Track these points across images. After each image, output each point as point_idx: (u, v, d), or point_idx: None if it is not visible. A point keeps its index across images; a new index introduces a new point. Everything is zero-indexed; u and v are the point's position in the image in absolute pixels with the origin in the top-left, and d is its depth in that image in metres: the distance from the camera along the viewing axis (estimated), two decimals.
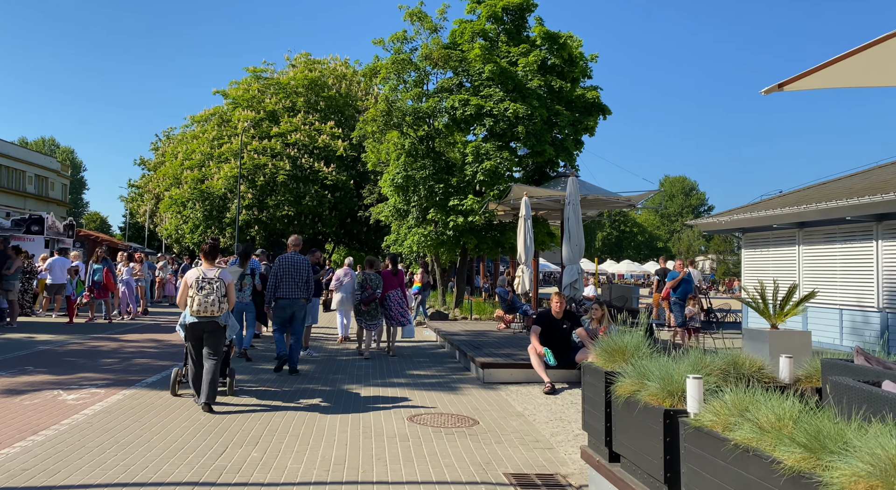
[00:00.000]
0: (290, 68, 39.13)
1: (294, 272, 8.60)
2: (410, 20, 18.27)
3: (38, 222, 17.38)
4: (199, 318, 6.32)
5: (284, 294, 8.54)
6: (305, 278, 8.63)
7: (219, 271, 6.47)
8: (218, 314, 6.34)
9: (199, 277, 6.35)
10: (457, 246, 18.69)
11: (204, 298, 6.25)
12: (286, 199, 32.93)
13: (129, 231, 64.20)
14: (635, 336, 4.08)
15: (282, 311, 8.54)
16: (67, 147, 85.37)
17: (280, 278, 8.56)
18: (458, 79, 17.76)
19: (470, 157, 16.76)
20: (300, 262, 8.71)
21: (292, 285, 8.57)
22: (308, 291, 8.70)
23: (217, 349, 6.40)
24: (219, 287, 6.33)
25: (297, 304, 8.58)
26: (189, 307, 6.32)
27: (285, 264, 8.62)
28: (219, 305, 6.30)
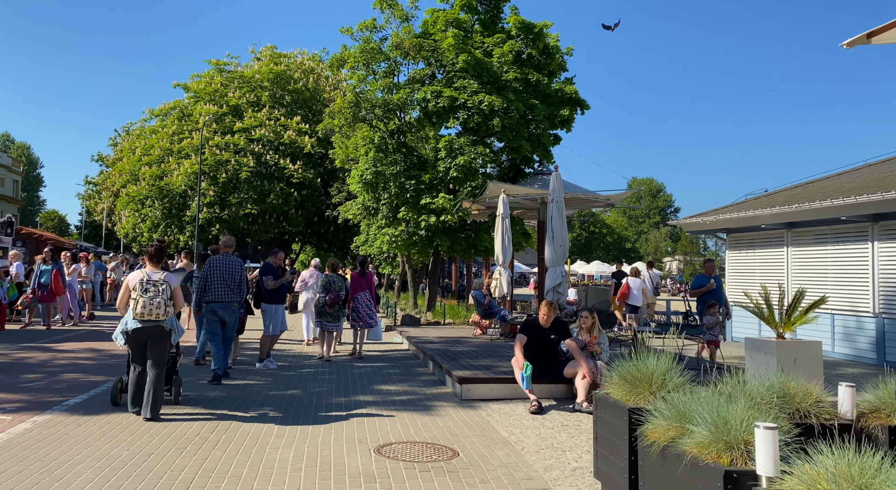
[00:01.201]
0: (254, 62, 37.71)
1: (225, 274, 8.27)
2: (381, 8, 17.28)
3: None
4: (142, 323, 6.03)
5: (214, 297, 8.20)
6: (238, 281, 8.35)
7: (164, 274, 6.22)
8: (163, 318, 6.07)
9: (143, 279, 6.07)
10: (429, 247, 17.78)
11: (149, 301, 5.97)
12: (249, 197, 31.55)
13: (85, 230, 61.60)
14: (663, 361, 3.20)
15: (212, 314, 8.23)
16: (23, 143, 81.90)
17: (210, 280, 8.23)
18: (431, 70, 16.84)
19: (443, 152, 15.86)
20: (232, 263, 8.42)
21: (223, 288, 8.24)
22: (240, 295, 8.45)
23: (162, 357, 6.12)
24: (164, 290, 6.08)
25: (228, 308, 8.28)
26: (132, 310, 6.01)
27: (216, 266, 8.28)
28: (164, 308, 6.04)
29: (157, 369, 6.03)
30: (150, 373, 6.03)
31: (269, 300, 9.57)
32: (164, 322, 6.11)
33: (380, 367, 10.01)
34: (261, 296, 9.59)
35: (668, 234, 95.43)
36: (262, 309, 9.59)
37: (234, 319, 8.40)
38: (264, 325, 9.58)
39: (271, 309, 9.56)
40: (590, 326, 7.47)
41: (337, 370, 9.45)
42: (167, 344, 6.19)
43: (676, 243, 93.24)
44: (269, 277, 9.52)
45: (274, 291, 9.57)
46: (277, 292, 9.64)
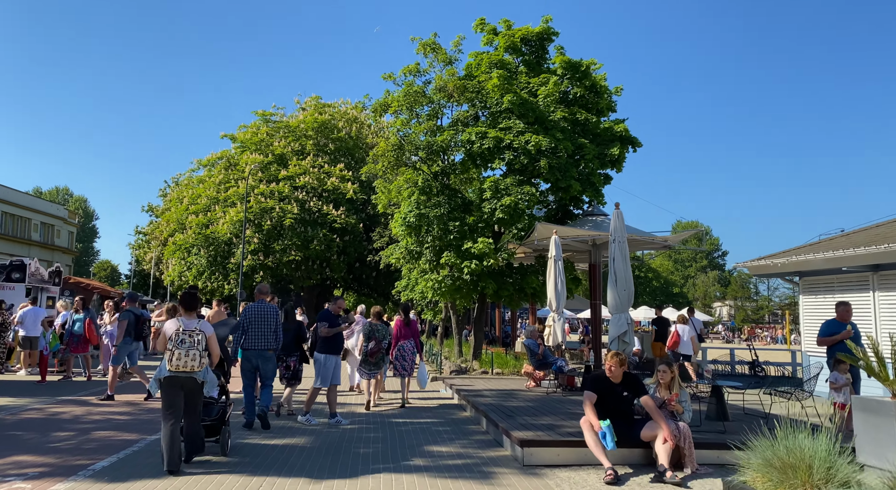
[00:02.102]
0: (300, 112, 38.56)
1: (261, 321, 8.25)
2: (423, 52, 17.22)
3: (19, 269, 15.98)
4: (175, 373, 5.90)
5: (249, 345, 8.21)
6: (273, 328, 8.31)
7: (199, 323, 6.08)
8: (198, 370, 5.91)
9: (178, 329, 5.94)
10: (474, 292, 17.09)
11: (183, 353, 5.85)
12: (293, 244, 31.60)
13: (134, 279, 63.09)
14: (821, 441, 2.43)
15: (248, 362, 8.25)
16: (80, 196, 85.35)
17: (245, 328, 8.26)
18: (475, 111, 16.53)
19: (488, 193, 15.34)
20: (267, 310, 8.37)
21: (258, 335, 8.22)
22: (276, 342, 8.36)
23: (195, 409, 6.04)
24: (199, 340, 5.94)
25: (263, 355, 8.23)
26: (167, 361, 5.90)
27: (251, 313, 8.30)
28: (199, 360, 5.90)
29: (189, 420, 5.95)
30: (185, 423, 5.97)
31: (322, 349, 8.92)
32: (197, 374, 5.94)
33: (428, 423, 9.24)
34: (315, 344, 9.04)
35: (716, 279, 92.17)
36: (314, 358, 8.98)
37: (269, 368, 8.29)
38: (315, 376, 8.96)
39: (321, 359, 8.89)
40: (669, 382, 6.61)
41: (383, 427, 8.74)
42: (200, 395, 6.07)
43: (726, 288, 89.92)
44: (323, 324, 8.87)
45: (328, 340, 8.92)
46: (332, 341, 8.97)
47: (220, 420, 6.56)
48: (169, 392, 5.91)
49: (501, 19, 17.58)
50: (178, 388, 5.91)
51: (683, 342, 13.63)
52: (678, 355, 13.60)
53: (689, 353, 13.70)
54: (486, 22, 17.74)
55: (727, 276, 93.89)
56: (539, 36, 17.05)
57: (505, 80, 15.64)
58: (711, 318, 74.03)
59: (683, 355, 13.58)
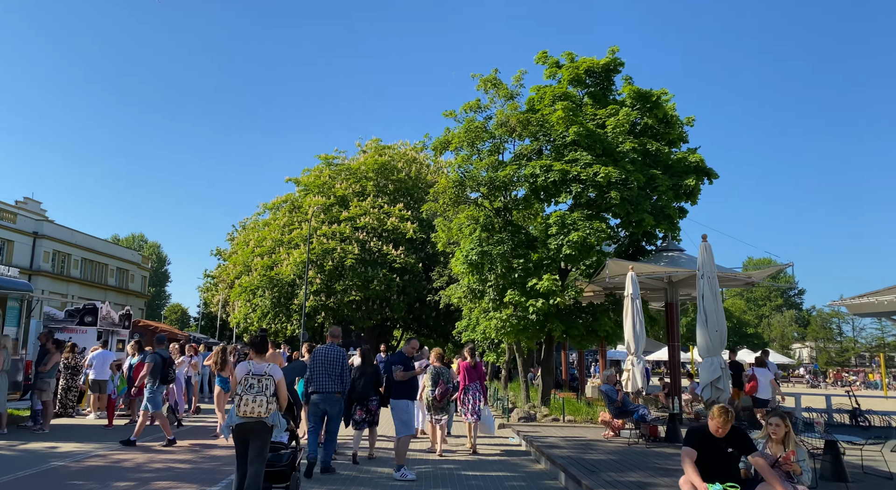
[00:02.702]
0: (360, 154, 39.23)
1: (327, 364, 8.21)
2: (484, 88, 17.02)
3: (91, 312, 16.37)
4: (244, 419, 5.76)
5: (316, 388, 8.19)
6: (339, 371, 8.26)
7: (269, 366, 5.96)
8: (265, 415, 5.75)
9: (248, 372, 5.88)
10: (540, 332, 16.30)
11: (251, 398, 5.74)
12: (354, 284, 31.62)
13: (202, 321, 64.89)
14: None
15: (314, 406, 8.20)
16: (154, 242, 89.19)
17: (313, 371, 8.24)
18: (538, 145, 16.07)
19: (554, 228, 14.71)
20: (335, 353, 8.32)
21: (325, 378, 8.19)
22: (343, 385, 8.29)
23: (262, 454, 5.82)
24: (268, 385, 5.84)
25: (330, 398, 8.19)
26: (236, 406, 5.79)
27: (319, 356, 8.28)
28: (266, 405, 5.75)
29: (255, 466, 5.76)
30: (251, 469, 5.74)
31: (399, 394, 8.34)
32: (265, 419, 5.78)
33: (501, 477, 8.51)
34: (389, 389, 8.44)
35: (793, 318, 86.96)
36: (391, 405, 8.35)
37: (336, 411, 8.21)
38: (395, 426, 8.35)
39: (401, 405, 8.29)
40: (782, 437, 5.73)
41: (452, 481, 8.06)
42: (268, 440, 5.88)
43: (805, 328, 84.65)
44: (398, 367, 8.34)
45: (404, 385, 8.38)
46: (408, 386, 8.42)
47: (290, 466, 6.43)
48: (239, 439, 5.81)
49: (564, 52, 17.27)
50: (247, 434, 5.79)
51: (762, 386, 12.43)
52: (757, 401, 12.42)
53: (768, 397, 12.51)
54: (548, 55, 17.44)
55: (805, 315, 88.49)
56: (604, 67, 16.58)
57: (570, 112, 15.16)
58: (791, 360, 69.53)
59: (761, 401, 12.39)
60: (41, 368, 11.49)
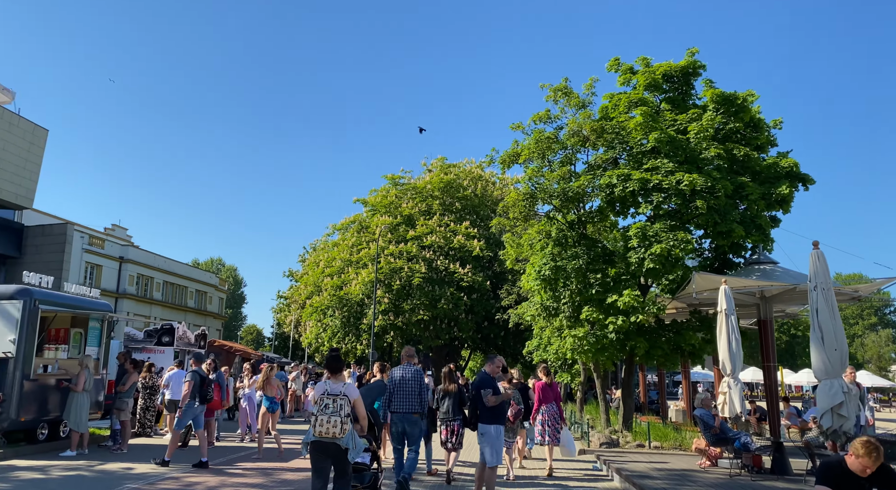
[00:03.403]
0: (426, 173, 39.33)
1: (405, 385, 8.28)
2: (554, 98, 16.43)
3: (168, 333, 16.71)
4: (318, 438, 5.77)
5: (397, 408, 8.25)
6: (417, 391, 8.29)
7: (344, 386, 5.90)
8: (340, 436, 5.68)
9: (324, 393, 5.85)
10: (620, 351, 15.35)
11: (326, 419, 5.69)
12: (421, 303, 31.38)
13: (276, 341, 66.37)
14: None
15: (394, 426, 8.30)
16: (231, 265, 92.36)
17: (392, 391, 8.32)
18: (613, 154, 15.29)
19: (634, 240, 13.84)
20: (412, 374, 8.40)
21: (404, 399, 8.24)
22: (421, 405, 8.30)
23: (344, 475, 5.84)
24: (343, 405, 5.74)
25: (409, 419, 8.22)
26: (311, 426, 5.80)
27: (397, 376, 8.35)
28: (340, 426, 5.67)
29: (338, 485, 5.80)
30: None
31: (488, 418, 7.60)
32: (340, 440, 5.70)
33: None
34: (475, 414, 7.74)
35: (890, 338, 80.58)
36: (480, 431, 7.67)
37: (416, 431, 8.24)
38: (481, 452, 7.67)
39: (491, 431, 7.54)
40: None
41: None
42: (345, 463, 5.83)
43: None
44: (487, 391, 7.57)
45: (493, 409, 7.63)
46: (497, 410, 7.67)
47: (373, 487, 6.39)
48: (314, 457, 5.83)
49: (638, 57, 16.48)
50: (322, 453, 5.79)
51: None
52: None
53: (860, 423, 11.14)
54: (620, 61, 16.72)
55: None
56: (683, 71, 15.69)
57: (649, 118, 14.35)
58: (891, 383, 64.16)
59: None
60: (119, 388, 11.62)
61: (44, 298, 10.83)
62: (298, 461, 10.95)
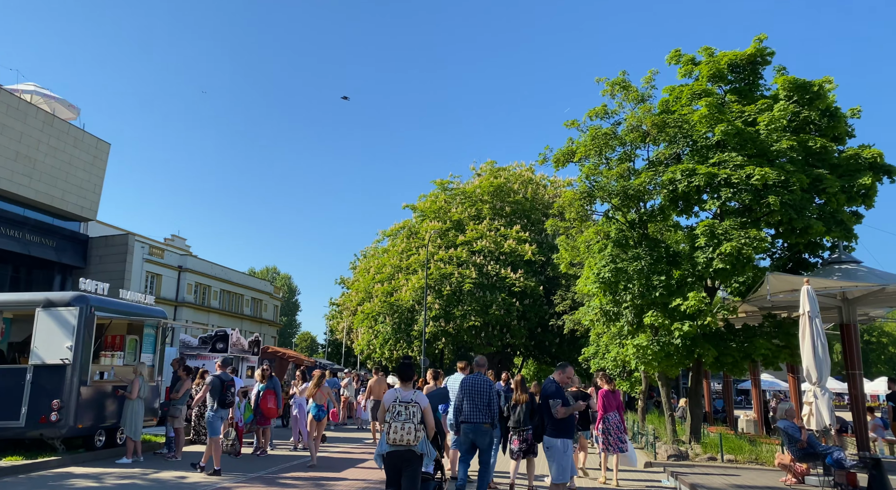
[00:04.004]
0: (475, 177, 38.87)
1: (475, 394, 8.03)
2: (611, 92, 15.73)
3: (222, 339, 16.76)
4: (394, 447, 5.71)
5: (466, 417, 8.05)
6: (487, 401, 8.06)
7: (415, 393, 5.91)
8: (414, 443, 5.67)
9: (395, 400, 5.83)
10: (687, 358, 14.46)
11: (400, 426, 5.67)
12: (473, 309, 30.87)
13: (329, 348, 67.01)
14: None
15: (464, 435, 8.12)
16: (286, 274, 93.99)
17: (461, 400, 8.11)
18: (675, 149, 14.47)
19: (702, 239, 12.99)
20: (482, 383, 8.13)
21: (474, 409, 8.01)
22: (491, 416, 8.05)
23: (415, 482, 5.78)
24: (415, 412, 5.74)
25: (479, 429, 7.99)
26: (385, 434, 5.77)
27: (467, 385, 8.10)
28: (415, 433, 5.67)
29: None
30: None
31: (556, 432, 7.04)
32: (415, 447, 5.68)
33: None
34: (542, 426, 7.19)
35: None
36: (546, 444, 7.11)
37: (487, 442, 8.02)
38: (550, 470, 7.10)
39: (558, 446, 6.97)
40: None
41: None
42: (419, 469, 5.82)
43: None
44: (556, 401, 7.02)
45: (562, 421, 7.08)
46: (565, 422, 7.09)
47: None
48: (390, 467, 5.77)
49: (701, 48, 15.61)
50: (399, 462, 5.74)
51: None
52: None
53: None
54: (681, 53, 15.89)
55: None
56: (750, 59, 14.74)
57: (715, 110, 13.50)
58: None
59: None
60: (173, 395, 11.56)
61: (99, 305, 10.88)
62: (352, 470, 10.62)
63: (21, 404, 9.96)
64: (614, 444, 10.06)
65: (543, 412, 7.07)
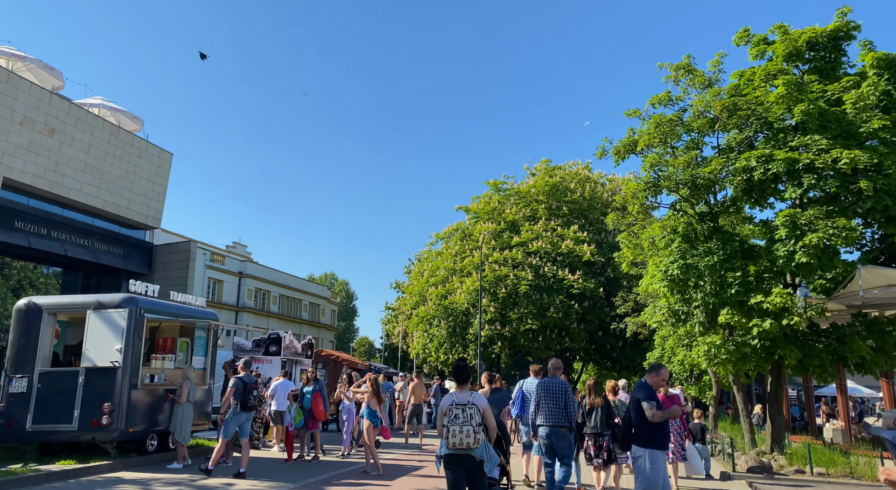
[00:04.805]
0: (529, 177, 38.02)
1: (552, 398, 7.95)
2: (675, 78, 14.76)
3: (275, 342, 16.59)
4: (453, 451, 5.58)
5: (543, 421, 8.00)
6: (564, 404, 7.95)
7: (472, 395, 5.74)
8: (474, 447, 5.52)
9: (451, 404, 5.67)
10: (767, 360, 13.28)
11: (458, 429, 5.52)
12: (529, 312, 29.99)
13: (385, 352, 67.18)
14: None
15: (542, 439, 8.03)
16: (343, 280, 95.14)
17: (538, 403, 8.08)
18: (747, 133, 13.35)
19: (782, 230, 11.85)
20: (559, 386, 8.05)
21: (550, 412, 7.93)
22: (569, 419, 7.93)
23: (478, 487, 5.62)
24: (473, 414, 5.57)
25: (556, 433, 7.89)
26: (444, 438, 5.64)
27: (543, 388, 8.09)
28: (474, 436, 5.50)
29: None
30: None
31: (645, 440, 6.06)
32: (474, 451, 5.52)
33: None
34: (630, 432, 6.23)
35: None
36: (633, 455, 6.17)
37: (565, 446, 7.89)
38: (635, 482, 6.21)
39: (645, 457, 5.99)
40: None
41: None
42: (481, 475, 5.62)
43: None
44: (651, 403, 6.08)
45: (652, 429, 6.09)
46: (658, 430, 6.11)
47: None
48: (450, 472, 5.64)
49: (773, 26, 14.41)
50: (458, 467, 5.59)
51: None
52: None
53: None
54: (751, 32, 14.74)
55: None
56: (832, 35, 13.48)
57: (794, 88, 12.35)
58: None
59: None
60: (223, 399, 11.31)
61: (149, 307, 10.76)
62: (405, 479, 10.09)
63: (74, 407, 9.90)
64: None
65: (633, 418, 6.18)
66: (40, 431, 9.98)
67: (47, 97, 29.37)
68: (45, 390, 10.09)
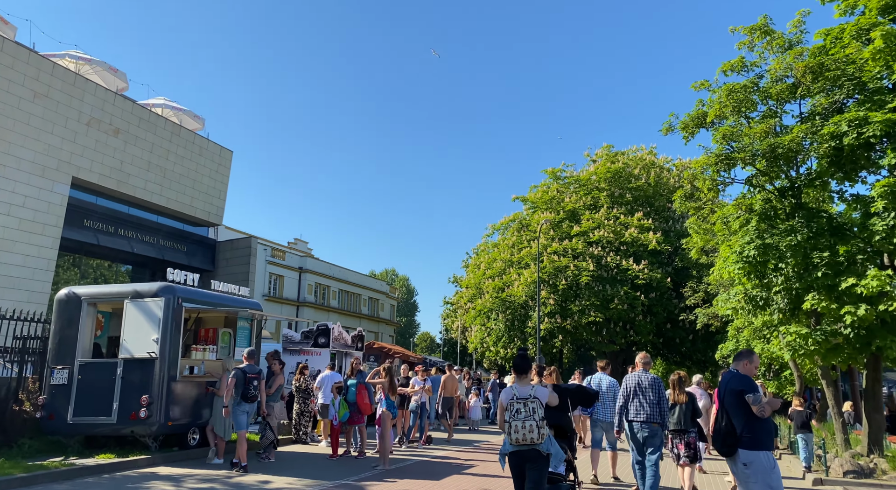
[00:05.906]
0: (590, 164, 36.51)
1: (643, 392, 7.81)
2: (750, 43, 13.34)
3: (324, 333, 16.19)
4: (517, 447, 5.42)
5: (633, 416, 7.87)
6: (656, 400, 7.79)
7: (534, 388, 5.55)
8: (538, 441, 5.33)
9: (512, 397, 5.49)
10: (861, 352, 11.78)
11: (520, 424, 5.33)
12: (591, 304, 28.68)
13: (445, 347, 66.81)
14: None
15: (632, 435, 7.88)
16: (404, 275, 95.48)
17: (627, 398, 7.94)
18: (836, 97, 11.81)
19: (879, 202, 10.38)
20: (651, 381, 7.90)
21: (640, 407, 7.80)
22: (661, 416, 7.79)
23: (540, 485, 5.42)
24: (535, 408, 5.37)
25: (648, 429, 7.74)
26: (507, 434, 5.45)
27: (632, 382, 7.95)
28: (538, 431, 5.31)
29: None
30: None
31: (751, 441, 5.06)
32: (539, 445, 5.37)
33: None
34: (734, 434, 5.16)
35: None
36: (742, 459, 5.07)
37: (656, 443, 7.70)
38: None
39: (760, 460, 5.02)
40: None
41: None
42: (545, 470, 5.49)
43: None
44: (757, 396, 5.10)
45: (758, 426, 5.11)
46: (764, 428, 5.14)
47: None
48: (515, 469, 5.50)
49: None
50: (522, 463, 5.45)
51: None
52: None
53: None
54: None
55: None
56: None
57: (893, 40, 10.78)
58: None
59: None
60: (267, 391, 10.88)
61: (187, 296, 10.42)
62: (454, 477, 9.35)
63: (112, 400, 9.66)
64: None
65: (731, 415, 5.10)
66: (81, 424, 9.80)
67: (112, 98, 30.29)
68: (86, 382, 9.90)
